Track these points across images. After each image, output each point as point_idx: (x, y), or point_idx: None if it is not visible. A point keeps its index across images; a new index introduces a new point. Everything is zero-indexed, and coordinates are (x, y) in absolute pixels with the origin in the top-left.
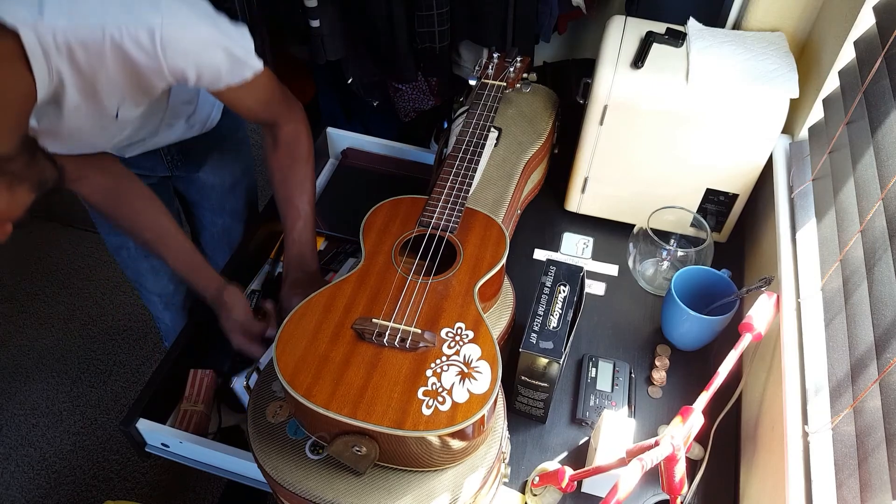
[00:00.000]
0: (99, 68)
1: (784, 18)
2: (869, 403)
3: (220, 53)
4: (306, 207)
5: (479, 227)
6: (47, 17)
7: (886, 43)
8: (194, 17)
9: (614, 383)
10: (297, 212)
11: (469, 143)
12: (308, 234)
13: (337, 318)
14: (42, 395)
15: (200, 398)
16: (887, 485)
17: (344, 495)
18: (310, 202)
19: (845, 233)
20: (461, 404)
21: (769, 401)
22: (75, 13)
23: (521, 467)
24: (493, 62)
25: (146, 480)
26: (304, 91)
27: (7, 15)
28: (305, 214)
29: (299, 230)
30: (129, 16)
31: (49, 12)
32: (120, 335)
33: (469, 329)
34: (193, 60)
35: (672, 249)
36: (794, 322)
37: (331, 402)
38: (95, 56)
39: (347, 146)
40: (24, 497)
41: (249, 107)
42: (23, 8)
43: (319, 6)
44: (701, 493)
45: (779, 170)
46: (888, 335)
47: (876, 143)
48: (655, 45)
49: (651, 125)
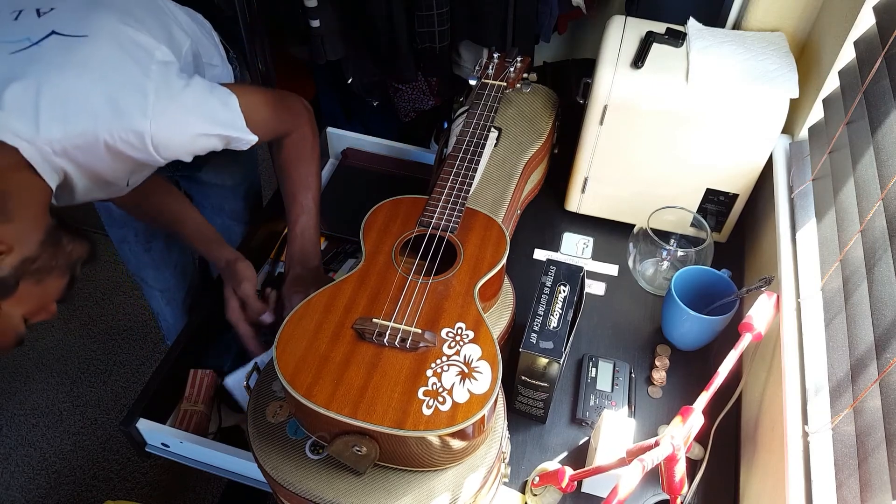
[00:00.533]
0: (98, 163)
1: (784, 18)
2: (869, 403)
3: (213, 140)
4: (310, 204)
5: (480, 227)
6: (43, 130)
7: (886, 43)
8: (183, 114)
9: (614, 383)
10: (300, 208)
11: (469, 143)
12: (311, 231)
13: (337, 318)
14: (42, 395)
15: (200, 398)
16: (887, 485)
17: (344, 495)
18: (314, 199)
19: (845, 233)
20: (461, 404)
21: (769, 401)
22: (68, 122)
23: (521, 467)
24: (493, 62)
25: (146, 480)
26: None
27: (6, 134)
28: (309, 210)
29: (302, 226)
30: (119, 121)
31: (44, 125)
32: (120, 335)
33: (469, 329)
34: (188, 151)
35: (672, 249)
36: (794, 322)
37: (331, 402)
38: (93, 156)
39: (347, 146)
40: (24, 497)
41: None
42: (20, 123)
43: (319, 6)
44: (701, 493)
45: (779, 170)
46: (888, 335)
47: (876, 143)
48: (655, 45)
49: (651, 125)
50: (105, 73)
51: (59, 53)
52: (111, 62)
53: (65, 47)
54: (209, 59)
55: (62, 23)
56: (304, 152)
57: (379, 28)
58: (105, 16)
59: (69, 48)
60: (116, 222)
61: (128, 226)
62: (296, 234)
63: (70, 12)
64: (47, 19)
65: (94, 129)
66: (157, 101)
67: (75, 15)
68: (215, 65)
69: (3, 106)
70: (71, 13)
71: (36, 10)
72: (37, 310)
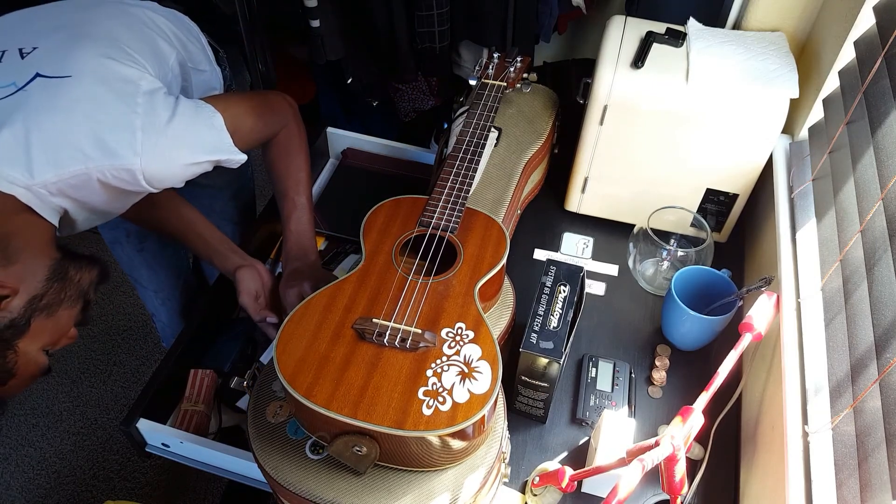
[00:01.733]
0: (94, 197)
1: (784, 18)
2: (869, 403)
3: (205, 165)
4: (302, 199)
5: (480, 227)
6: (37, 175)
7: (886, 43)
8: (172, 147)
9: (614, 383)
10: (292, 203)
11: (469, 143)
12: (305, 225)
13: (337, 318)
14: (42, 395)
15: (200, 398)
16: (887, 485)
17: (344, 495)
18: (305, 193)
19: (845, 233)
20: (461, 404)
21: (769, 401)
22: (60, 165)
23: (521, 467)
24: (493, 62)
25: (146, 480)
26: (304, 91)
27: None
28: (301, 205)
29: (296, 220)
30: (110, 160)
31: (38, 170)
32: (120, 335)
33: (469, 329)
34: (180, 179)
35: (672, 249)
36: (794, 322)
37: (331, 402)
38: (89, 192)
39: (347, 146)
40: (24, 497)
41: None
42: (14, 171)
43: (319, 6)
44: (701, 493)
45: (779, 170)
46: (888, 335)
47: (876, 143)
48: (655, 45)
49: (651, 125)
50: (91, 113)
51: (44, 97)
52: (96, 101)
53: (50, 90)
54: (196, 64)
55: (45, 63)
56: (291, 148)
57: (379, 28)
58: (87, 51)
59: (55, 90)
60: (108, 223)
61: (119, 227)
62: (290, 230)
63: (53, 52)
64: (31, 60)
65: (85, 171)
66: (145, 137)
67: (58, 54)
68: (203, 69)
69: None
70: (54, 52)
71: (19, 50)
72: (55, 340)
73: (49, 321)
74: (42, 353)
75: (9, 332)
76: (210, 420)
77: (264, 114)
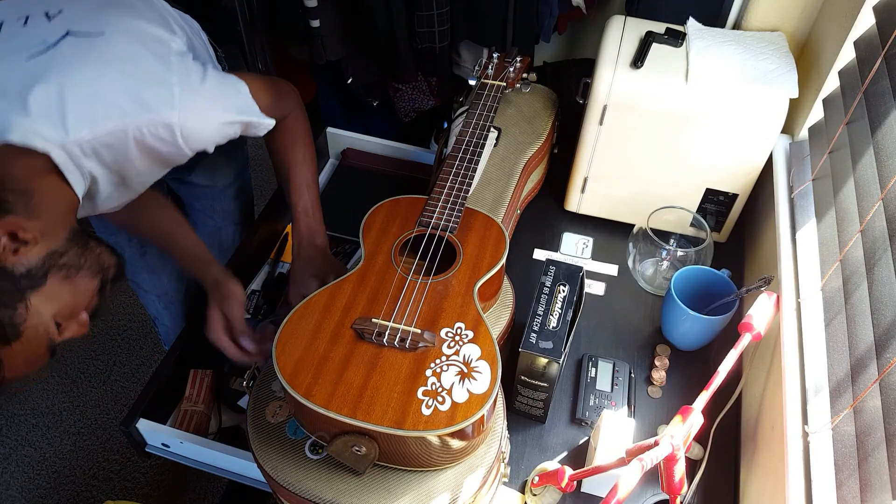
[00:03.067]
0: (126, 162)
1: (784, 18)
2: (869, 403)
3: (237, 127)
4: (311, 182)
5: (479, 226)
6: (71, 132)
7: (886, 43)
8: (207, 104)
9: (614, 383)
10: (300, 187)
11: (469, 143)
12: (314, 209)
13: (336, 318)
14: (42, 395)
15: (200, 398)
16: (887, 485)
17: (344, 495)
18: (313, 178)
19: (845, 233)
20: (461, 404)
21: (769, 401)
22: (96, 122)
23: (521, 467)
24: (493, 62)
25: (146, 480)
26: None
27: (36, 139)
28: (310, 188)
29: (305, 204)
30: (147, 115)
31: (72, 127)
32: (120, 335)
33: (469, 329)
34: (213, 140)
35: (672, 249)
36: (794, 322)
37: (330, 402)
38: (122, 154)
39: (347, 146)
40: (24, 497)
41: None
42: (48, 128)
43: (319, 6)
44: (701, 493)
45: (779, 170)
46: (888, 335)
47: (876, 143)
48: (655, 45)
49: (651, 125)
50: (127, 69)
51: (78, 53)
52: (132, 58)
53: (83, 46)
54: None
55: (75, 23)
56: (298, 135)
57: (379, 28)
58: (117, 11)
59: (88, 47)
60: (109, 228)
61: (121, 232)
62: (299, 214)
63: (81, 13)
64: (59, 21)
65: (122, 127)
66: (182, 93)
67: (87, 14)
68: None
69: (28, 112)
70: (83, 13)
71: (45, 13)
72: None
73: (66, 285)
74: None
75: (25, 282)
76: (210, 420)
77: (278, 94)
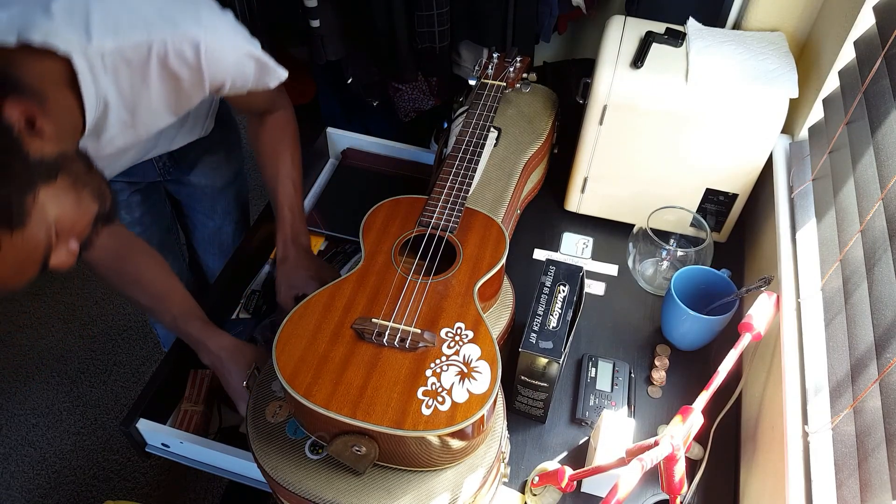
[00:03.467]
0: (141, 88)
1: (784, 18)
2: (869, 403)
3: (253, 64)
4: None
5: (479, 226)
6: (95, 39)
7: (886, 43)
8: (231, 29)
9: (614, 383)
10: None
11: (469, 143)
12: (299, 209)
13: (336, 318)
14: (42, 395)
15: (200, 398)
16: (887, 485)
17: (344, 495)
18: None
19: (845, 233)
20: (461, 404)
21: (769, 401)
22: (121, 32)
23: (521, 467)
24: (493, 62)
25: (146, 480)
26: (304, 91)
27: (59, 40)
28: (296, 186)
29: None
30: (173, 30)
31: (96, 34)
32: (120, 335)
33: (469, 329)
34: (232, 72)
35: (672, 249)
36: (794, 322)
37: (330, 402)
38: (139, 75)
39: (347, 146)
40: (24, 497)
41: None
42: (71, 32)
43: (319, 6)
44: (701, 493)
45: (779, 170)
46: (888, 335)
47: (876, 143)
48: (655, 45)
49: (651, 125)
50: None
51: None
52: None
53: None
54: None
55: None
56: (288, 131)
57: (379, 28)
58: None
59: None
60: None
61: None
62: (285, 212)
63: None
64: None
65: (147, 40)
66: (209, 13)
67: None
68: None
69: (52, 16)
70: None
71: None
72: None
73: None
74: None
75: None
76: (210, 420)
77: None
